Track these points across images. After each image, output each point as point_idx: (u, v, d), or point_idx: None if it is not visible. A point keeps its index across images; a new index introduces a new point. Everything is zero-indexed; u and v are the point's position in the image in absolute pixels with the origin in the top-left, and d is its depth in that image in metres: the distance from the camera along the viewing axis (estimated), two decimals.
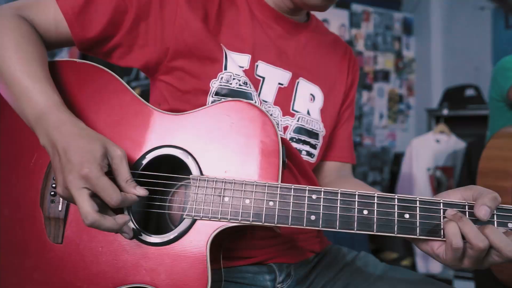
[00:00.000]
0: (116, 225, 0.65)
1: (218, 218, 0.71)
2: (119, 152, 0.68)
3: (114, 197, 0.64)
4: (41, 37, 0.81)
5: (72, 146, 0.66)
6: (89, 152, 0.65)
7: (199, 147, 0.76)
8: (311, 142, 0.92)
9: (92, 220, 0.62)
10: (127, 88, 0.80)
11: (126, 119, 0.78)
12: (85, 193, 0.63)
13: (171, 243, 0.71)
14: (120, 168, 0.68)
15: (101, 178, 0.64)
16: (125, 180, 0.68)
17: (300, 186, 0.70)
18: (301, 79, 0.93)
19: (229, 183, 0.72)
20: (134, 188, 0.68)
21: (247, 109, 0.76)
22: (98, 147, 0.66)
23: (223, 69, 0.84)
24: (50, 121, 0.69)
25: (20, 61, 0.73)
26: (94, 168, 0.64)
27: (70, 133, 0.67)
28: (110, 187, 0.64)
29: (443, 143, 3.15)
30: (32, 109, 0.71)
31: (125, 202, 0.66)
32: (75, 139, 0.67)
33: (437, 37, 4.09)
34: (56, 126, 0.68)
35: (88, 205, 0.63)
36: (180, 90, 0.85)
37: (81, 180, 0.63)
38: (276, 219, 0.69)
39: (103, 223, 0.63)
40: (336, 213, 0.68)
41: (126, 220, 0.67)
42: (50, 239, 0.74)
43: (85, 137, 0.67)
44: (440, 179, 3.12)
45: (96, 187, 0.64)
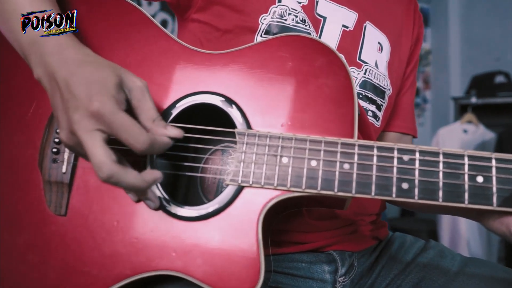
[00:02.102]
0: (142, 183, 0.47)
1: (274, 185, 0.53)
2: (139, 83, 0.50)
3: (140, 138, 0.46)
4: None
5: (76, 75, 0.48)
6: (98, 82, 0.47)
7: (246, 94, 0.57)
8: (377, 101, 0.74)
9: (109, 172, 0.44)
10: (150, 20, 0.63)
11: (150, 59, 0.61)
12: (98, 136, 0.45)
13: (210, 217, 0.54)
14: (143, 104, 0.50)
15: (118, 113, 0.46)
16: (151, 119, 0.49)
17: (386, 144, 0.52)
18: (368, 23, 0.75)
19: (288, 139, 0.54)
20: (164, 128, 0.50)
21: (309, 45, 0.58)
22: (110, 75, 0.48)
23: (277, 2, 0.66)
24: (47, 45, 0.52)
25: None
26: (107, 100, 0.46)
27: (72, 59, 0.50)
28: (133, 124, 0.46)
29: (470, 133, 2.96)
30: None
31: (155, 146, 0.48)
32: (79, 67, 0.49)
33: (455, 27, 3.89)
34: (54, 52, 0.51)
35: (103, 152, 0.45)
36: (219, 29, 0.67)
37: (91, 118, 0.45)
38: (354, 187, 0.51)
39: (124, 177, 0.45)
40: (438, 181, 0.50)
41: (156, 177, 0.49)
42: (50, 210, 0.56)
43: (92, 63, 0.50)
44: None
45: (112, 126, 0.46)
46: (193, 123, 0.62)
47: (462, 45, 3.84)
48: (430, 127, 4.09)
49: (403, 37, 0.83)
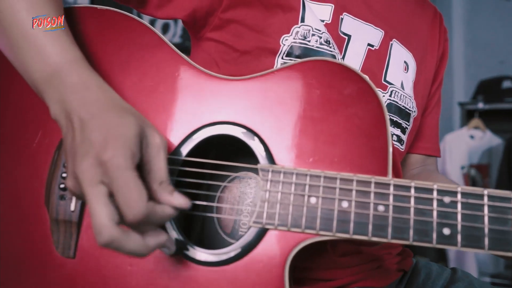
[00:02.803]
0: (144, 249, 0.42)
1: (301, 229, 0.48)
2: (158, 140, 0.45)
3: (135, 207, 0.40)
4: None
5: (94, 119, 0.43)
6: (117, 128, 0.43)
7: (269, 125, 0.53)
8: (402, 124, 0.70)
9: (108, 238, 0.39)
10: (165, 43, 0.58)
11: (165, 85, 0.56)
12: (102, 191, 0.40)
13: (231, 262, 0.49)
14: (155, 162, 0.44)
15: (126, 170, 0.41)
16: (159, 181, 0.44)
17: (424, 183, 0.48)
18: (395, 41, 0.71)
19: (316, 177, 0.49)
20: (169, 194, 0.44)
21: (337, 71, 0.54)
22: (131, 123, 0.43)
23: (299, 21, 0.61)
24: (67, 82, 0.47)
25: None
26: (120, 153, 0.41)
27: (95, 101, 0.45)
28: (135, 188, 0.41)
29: (477, 139, 2.92)
30: (41, 64, 0.49)
31: (152, 217, 0.42)
32: (101, 110, 0.44)
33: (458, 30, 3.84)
34: (76, 90, 0.46)
35: (105, 213, 0.40)
36: (237, 50, 0.63)
37: (98, 168, 0.40)
38: (391, 232, 0.47)
39: (124, 244, 0.41)
40: (483, 226, 0.46)
41: (160, 243, 0.44)
42: (58, 251, 0.52)
43: (116, 107, 0.45)
44: (475, 178, 2.89)
45: (113, 183, 0.40)
46: (209, 150, 0.58)
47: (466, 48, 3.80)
48: None
49: (428, 54, 0.79)
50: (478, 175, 2.88)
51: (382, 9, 0.71)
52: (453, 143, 2.92)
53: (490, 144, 2.90)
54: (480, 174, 2.88)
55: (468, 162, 2.89)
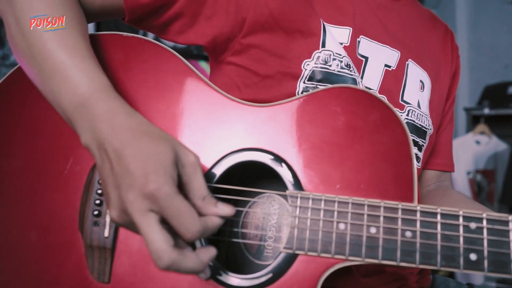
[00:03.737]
0: (201, 265, 0.44)
1: (331, 254, 0.50)
2: (192, 158, 0.47)
3: (192, 227, 0.43)
4: (81, 5, 0.61)
5: (129, 148, 0.45)
6: (155, 158, 0.44)
7: (296, 152, 0.55)
8: (418, 142, 0.71)
9: (169, 262, 0.42)
10: (191, 70, 0.60)
11: (191, 112, 0.58)
12: (153, 219, 0.42)
13: (263, 287, 0.51)
14: (194, 181, 0.46)
15: (174, 197, 0.43)
16: (202, 197, 0.46)
17: (450, 209, 0.49)
18: (410, 61, 0.72)
19: (345, 203, 0.51)
20: (214, 206, 0.47)
21: (361, 98, 0.55)
22: (167, 151, 0.45)
23: (320, 47, 0.63)
24: (96, 111, 0.48)
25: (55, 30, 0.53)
26: (164, 182, 0.43)
27: (126, 128, 0.47)
28: (188, 211, 0.43)
29: (483, 144, 2.93)
30: (70, 94, 0.50)
31: (206, 231, 0.45)
32: (133, 138, 0.46)
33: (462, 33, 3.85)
34: (105, 119, 0.48)
35: (161, 239, 0.42)
36: (258, 74, 0.64)
37: (145, 200, 0.42)
38: (418, 258, 0.48)
39: (184, 264, 0.43)
40: (509, 252, 0.47)
41: (212, 255, 0.46)
42: (93, 276, 0.53)
43: (147, 134, 0.47)
44: (480, 183, 2.89)
45: (166, 211, 0.43)
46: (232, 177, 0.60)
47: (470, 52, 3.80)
48: None
49: (441, 72, 0.80)
50: (484, 181, 2.88)
51: (397, 31, 0.73)
52: (459, 148, 2.93)
53: (496, 150, 2.91)
54: (486, 179, 2.89)
55: (474, 167, 2.90)
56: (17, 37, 0.54)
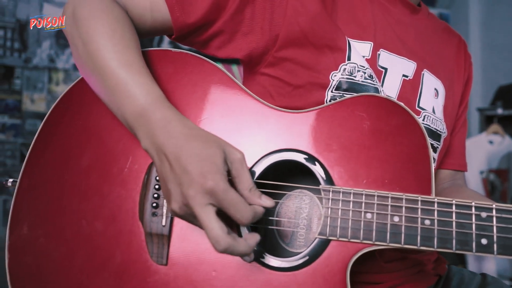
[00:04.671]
0: (250, 248, 0.53)
1: (360, 239, 0.58)
2: (239, 155, 0.55)
3: (246, 214, 0.52)
4: (134, 24, 0.70)
5: (185, 150, 0.53)
6: (208, 159, 0.53)
7: (327, 152, 0.63)
8: (434, 145, 0.79)
9: (226, 245, 0.50)
10: (233, 80, 0.68)
11: (235, 118, 0.66)
12: (211, 211, 0.51)
13: (301, 268, 0.59)
14: (242, 175, 0.55)
15: (229, 191, 0.52)
16: (249, 189, 0.55)
17: (464, 201, 0.57)
18: (426, 71, 0.80)
19: (371, 196, 0.59)
20: (259, 198, 0.55)
21: (384, 105, 0.63)
22: (216, 151, 0.54)
23: (346, 60, 0.71)
24: (153, 119, 0.57)
25: (116, 49, 0.62)
26: (219, 179, 0.51)
27: (179, 133, 0.55)
28: (241, 202, 0.52)
29: (496, 144, 2.96)
30: (130, 106, 0.59)
31: (256, 217, 0.54)
32: (187, 142, 0.54)
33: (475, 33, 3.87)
34: (161, 126, 0.56)
35: (218, 227, 0.50)
36: (290, 84, 0.72)
37: (206, 195, 0.51)
38: (436, 242, 0.56)
39: (237, 248, 0.51)
40: None
41: (257, 240, 0.54)
42: (153, 259, 0.62)
43: (198, 138, 0.55)
44: (494, 182, 2.93)
45: (223, 203, 0.51)
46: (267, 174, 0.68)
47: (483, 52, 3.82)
48: None
49: (455, 80, 0.88)
50: (497, 180, 2.92)
51: (414, 44, 0.80)
52: (472, 148, 2.96)
53: (510, 149, 2.94)
54: (499, 178, 2.93)
55: (487, 167, 2.93)
56: (84, 57, 0.63)
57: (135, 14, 0.70)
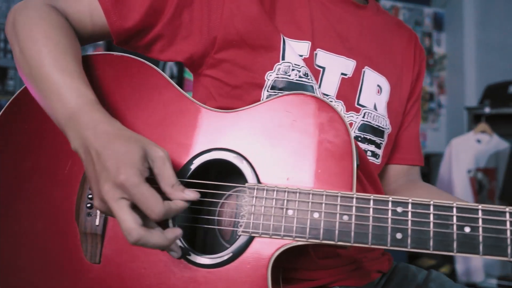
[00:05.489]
0: (166, 241, 0.55)
1: (281, 236, 0.59)
2: (161, 153, 0.57)
3: (156, 209, 0.53)
4: (74, 30, 0.72)
5: (106, 149, 0.56)
6: (125, 155, 0.55)
7: (255, 150, 0.64)
8: (376, 141, 0.80)
9: (137, 237, 0.52)
10: (170, 83, 0.70)
11: (170, 119, 0.68)
12: (124, 204, 0.53)
13: (224, 264, 0.60)
14: (163, 171, 0.57)
15: (140, 185, 0.53)
16: (171, 185, 0.57)
17: (382, 196, 0.58)
18: (367, 68, 0.81)
19: (293, 193, 0.60)
20: (182, 192, 0.57)
21: (311, 103, 0.65)
22: (135, 149, 0.56)
23: (281, 59, 0.72)
24: (82, 121, 0.59)
25: (50, 55, 0.64)
26: (131, 173, 0.53)
27: (104, 133, 0.57)
28: (151, 196, 0.54)
29: (484, 143, 2.97)
30: (62, 109, 0.61)
31: (170, 212, 0.56)
32: (110, 141, 0.56)
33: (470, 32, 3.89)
34: (89, 127, 0.58)
35: (130, 219, 0.52)
36: (229, 85, 0.74)
37: (117, 189, 0.53)
38: (353, 238, 0.57)
39: (150, 239, 0.53)
40: (429, 230, 0.56)
41: (177, 235, 0.56)
42: (86, 258, 0.64)
43: (121, 137, 0.57)
44: (481, 181, 2.93)
45: (134, 197, 0.53)
46: (209, 174, 0.70)
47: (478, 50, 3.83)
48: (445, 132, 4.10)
49: (403, 75, 0.89)
50: (485, 179, 2.92)
51: (357, 41, 0.82)
52: (460, 147, 2.97)
53: (497, 148, 2.94)
54: (487, 177, 2.93)
55: (474, 166, 2.94)
56: (21, 62, 0.66)
57: (75, 20, 0.72)
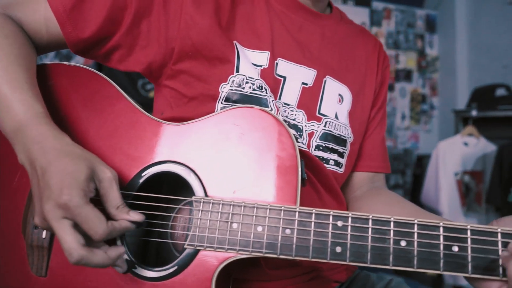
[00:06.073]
0: (108, 260, 0.55)
1: (225, 249, 0.59)
2: (108, 174, 0.57)
3: (99, 229, 0.53)
4: (31, 39, 0.72)
5: (52, 166, 0.55)
6: (70, 174, 0.55)
7: (204, 163, 0.64)
8: (338, 150, 0.80)
9: (78, 257, 0.52)
10: (122, 95, 0.70)
11: (121, 130, 0.68)
12: (66, 224, 0.53)
13: (170, 277, 0.61)
14: (109, 193, 0.57)
15: (83, 206, 0.53)
16: (116, 206, 0.57)
17: (323, 210, 0.58)
18: (328, 78, 0.81)
19: (238, 206, 0.61)
20: (127, 214, 0.58)
21: (259, 117, 0.65)
22: (82, 168, 0.56)
23: (235, 71, 0.73)
24: (29, 135, 0.59)
25: (0, 65, 0.64)
26: (75, 194, 0.53)
27: (52, 149, 0.57)
28: (94, 217, 0.54)
29: (471, 146, 2.98)
30: (10, 121, 0.61)
31: (114, 232, 0.56)
32: (56, 158, 0.56)
33: (462, 34, 3.91)
34: (36, 141, 0.58)
35: (71, 239, 0.52)
36: (186, 96, 0.74)
37: (59, 209, 0.53)
38: (294, 251, 0.58)
39: (92, 259, 0.53)
40: (367, 244, 0.56)
41: (120, 253, 0.56)
42: (32, 271, 0.64)
43: (69, 155, 0.57)
44: (468, 184, 2.94)
45: (77, 218, 0.53)
46: (163, 186, 0.70)
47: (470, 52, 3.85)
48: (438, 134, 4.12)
49: (366, 83, 0.88)
50: (472, 182, 2.93)
51: (318, 50, 0.82)
52: (447, 150, 2.98)
53: (485, 151, 2.95)
54: (474, 180, 2.94)
55: (462, 168, 2.95)
56: None
57: (31, 30, 0.72)
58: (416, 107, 4.09)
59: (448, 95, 4.02)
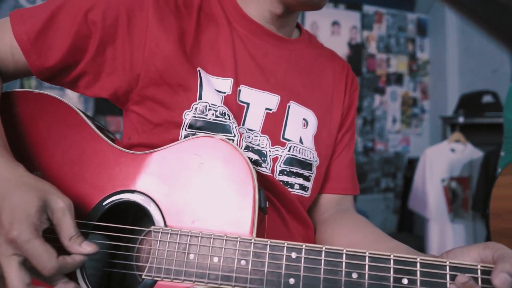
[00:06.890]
0: None
1: (181, 280, 0.60)
2: (61, 204, 0.58)
3: (48, 265, 0.54)
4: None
5: (4, 199, 0.56)
6: (21, 207, 0.55)
7: (164, 193, 0.65)
8: (304, 173, 0.81)
9: None
10: (86, 123, 0.71)
11: (84, 159, 0.69)
12: (14, 262, 0.53)
13: None
14: (63, 223, 0.57)
15: (32, 242, 0.54)
16: (69, 237, 0.57)
17: (278, 242, 0.59)
18: (292, 103, 0.82)
19: (195, 237, 0.61)
20: (79, 246, 0.58)
21: (218, 146, 0.66)
22: (34, 200, 0.56)
23: (197, 99, 0.73)
24: None
25: None
26: (24, 229, 0.54)
27: (6, 180, 0.58)
28: (43, 252, 0.54)
29: (458, 152, 3.00)
30: None
31: (66, 267, 0.56)
32: (9, 190, 0.57)
33: (453, 38, 3.94)
34: None
35: (17, 279, 0.53)
36: (151, 122, 0.75)
37: (9, 245, 0.54)
38: (249, 282, 0.58)
39: None
40: (320, 276, 0.57)
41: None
42: None
43: (21, 186, 0.57)
44: (455, 190, 2.96)
45: (26, 253, 0.54)
46: (127, 215, 0.70)
47: (460, 56, 3.88)
48: (428, 137, 4.15)
49: (333, 106, 0.89)
50: (459, 188, 2.95)
51: (283, 75, 0.82)
52: (434, 156, 3.00)
53: (471, 157, 2.97)
54: (461, 186, 2.96)
55: (449, 175, 2.97)
56: None
57: None
58: (407, 111, 4.12)
59: (438, 99, 4.05)
